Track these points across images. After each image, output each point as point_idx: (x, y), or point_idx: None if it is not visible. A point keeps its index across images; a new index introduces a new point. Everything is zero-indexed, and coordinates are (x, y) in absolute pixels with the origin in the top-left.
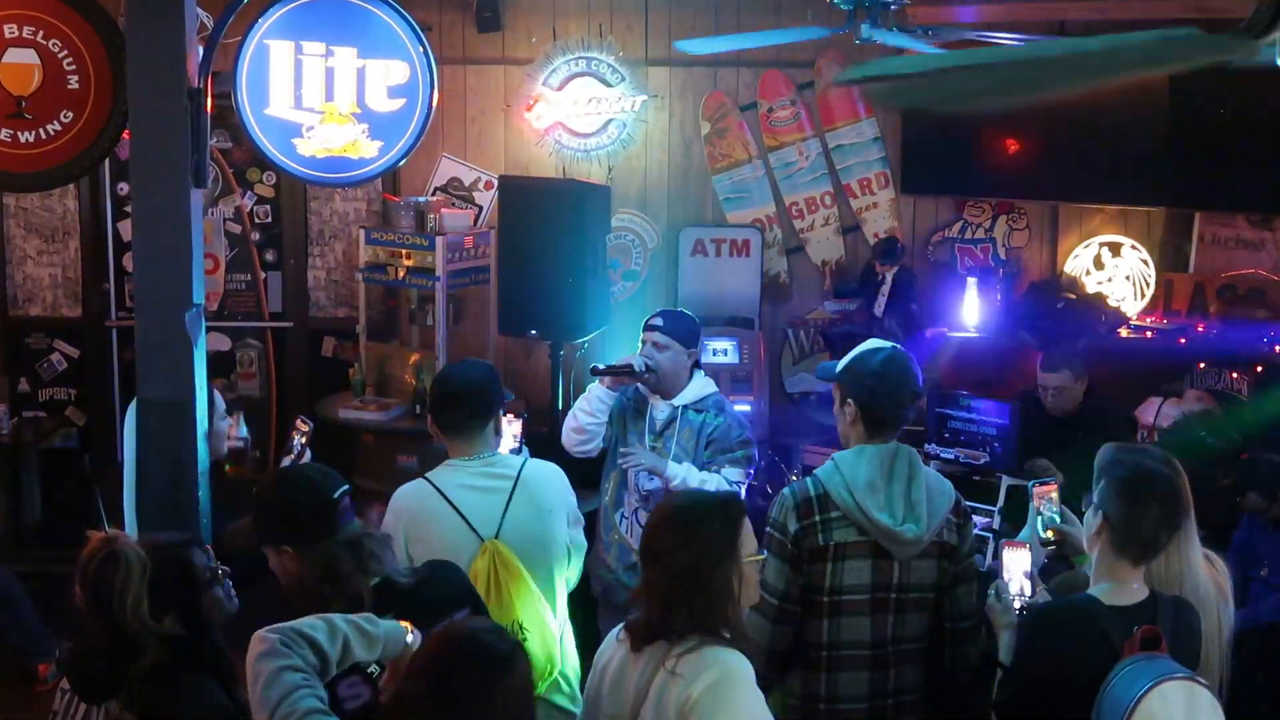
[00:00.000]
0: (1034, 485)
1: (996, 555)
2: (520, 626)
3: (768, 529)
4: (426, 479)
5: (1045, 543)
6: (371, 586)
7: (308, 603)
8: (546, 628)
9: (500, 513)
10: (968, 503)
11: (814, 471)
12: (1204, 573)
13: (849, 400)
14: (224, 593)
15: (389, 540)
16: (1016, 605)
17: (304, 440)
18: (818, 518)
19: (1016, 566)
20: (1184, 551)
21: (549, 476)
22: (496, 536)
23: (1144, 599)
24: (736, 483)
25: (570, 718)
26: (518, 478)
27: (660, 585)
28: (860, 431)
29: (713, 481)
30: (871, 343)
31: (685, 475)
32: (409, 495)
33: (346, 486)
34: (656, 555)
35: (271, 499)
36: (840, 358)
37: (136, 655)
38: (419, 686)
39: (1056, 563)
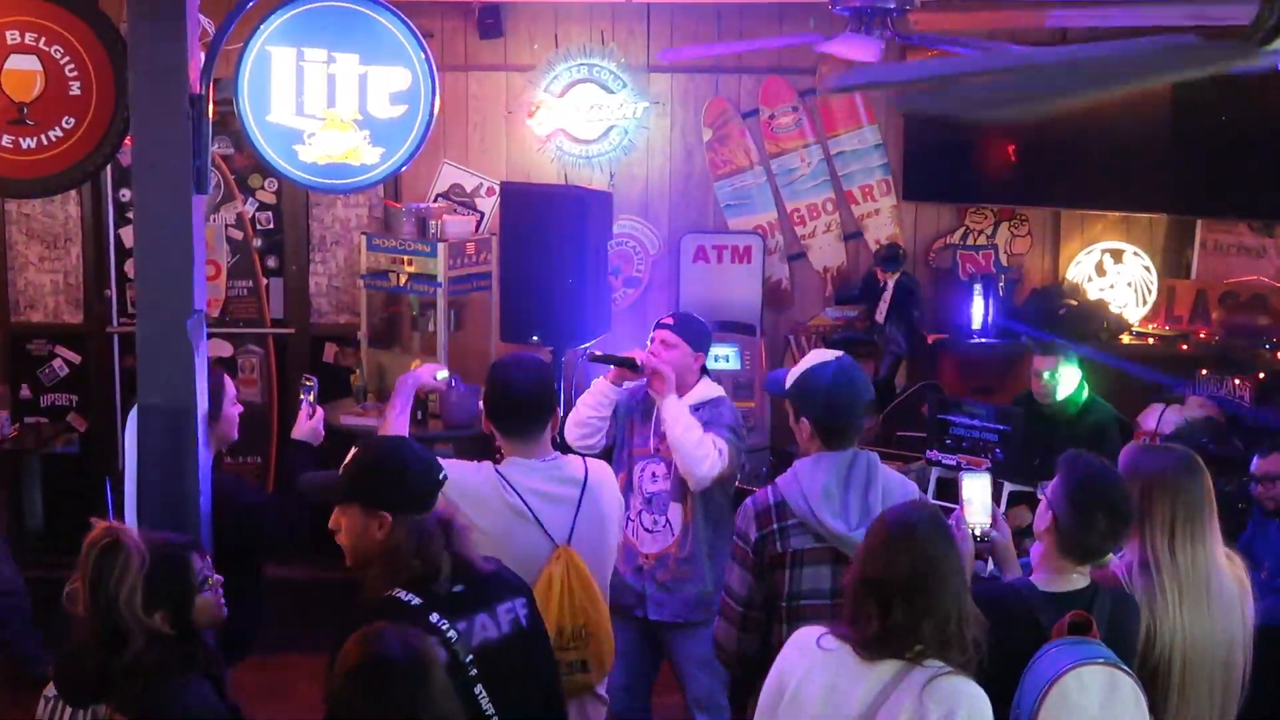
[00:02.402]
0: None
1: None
2: (585, 631)
3: (733, 537)
4: (499, 473)
5: None
6: (451, 558)
7: (386, 569)
8: (607, 630)
9: (571, 519)
10: None
11: (775, 480)
12: (1226, 569)
13: (803, 417)
14: (214, 599)
15: (471, 527)
16: (977, 533)
17: (312, 398)
18: (775, 525)
19: (976, 495)
20: (1209, 548)
21: (608, 482)
22: (568, 543)
23: (1083, 587)
24: (720, 449)
25: (605, 703)
26: (584, 484)
27: (903, 603)
28: (819, 444)
29: (699, 430)
30: (819, 355)
31: (678, 410)
32: (483, 484)
33: (446, 474)
34: (906, 580)
35: (384, 465)
36: None
37: (123, 650)
38: (345, 690)
39: None
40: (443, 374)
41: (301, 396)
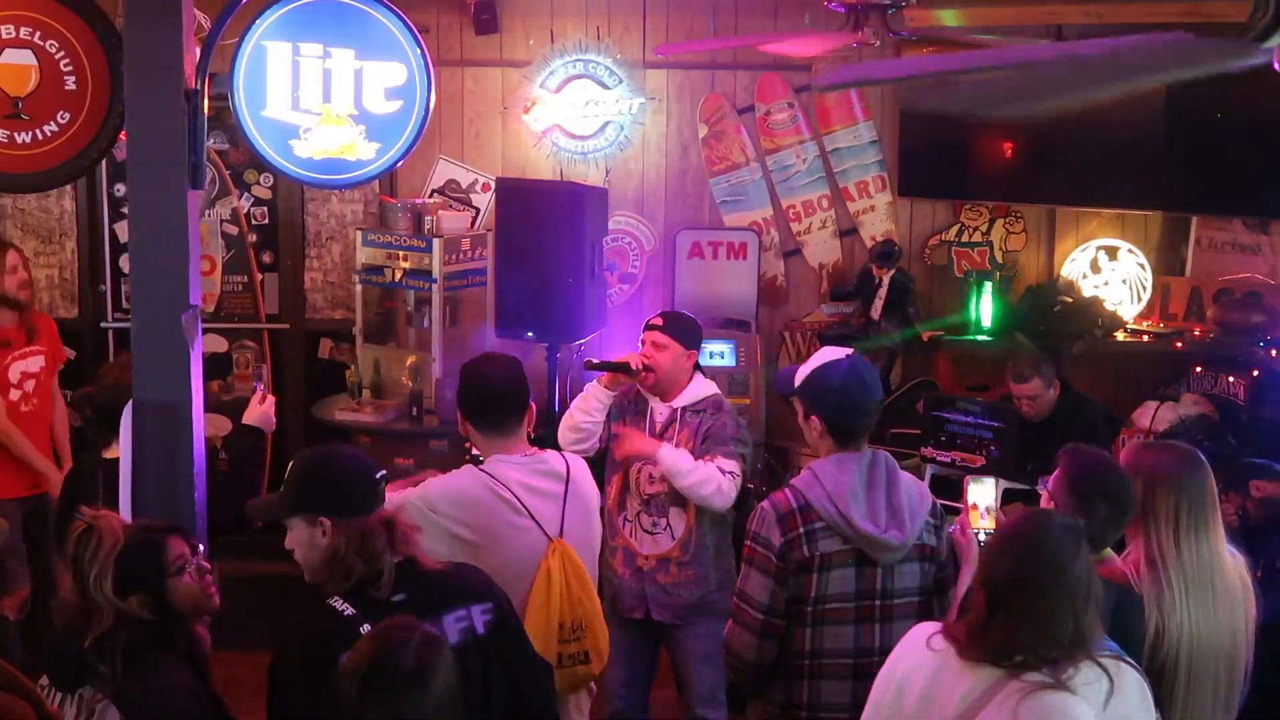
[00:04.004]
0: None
1: None
2: (583, 623)
3: (748, 542)
4: (486, 472)
5: None
6: (394, 564)
7: (332, 574)
8: (602, 620)
9: (560, 513)
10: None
11: (791, 483)
12: (1229, 563)
13: (813, 415)
14: (195, 584)
15: (417, 527)
16: (982, 537)
17: (262, 386)
18: (802, 529)
19: (981, 499)
20: (1213, 543)
21: (587, 474)
22: (560, 536)
23: None
24: (730, 472)
25: (593, 694)
26: (568, 477)
27: (1005, 605)
28: (830, 443)
29: (704, 468)
30: (828, 353)
31: (676, 458)
32: (472, 485)
33: (384, 472)
34: (1013, 581)
35: (319, 472)
36: None
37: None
38: (346, 693)
39: None
40: None
41: (254, 384)
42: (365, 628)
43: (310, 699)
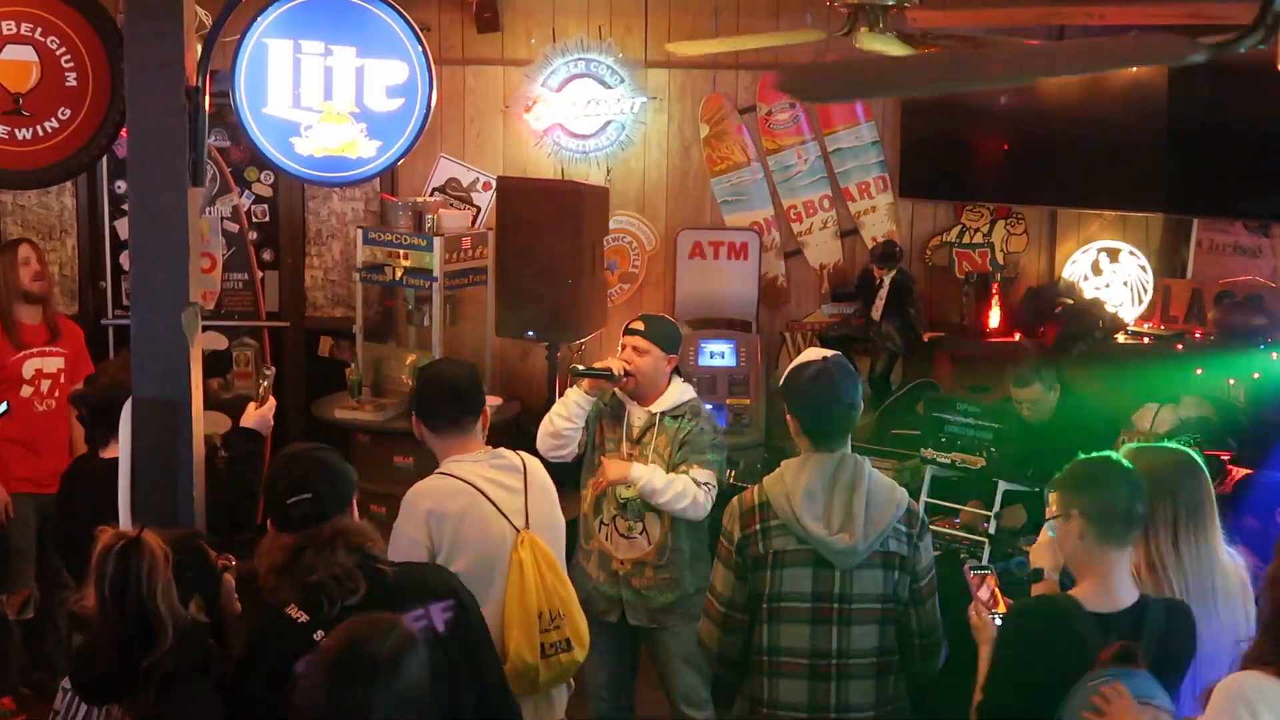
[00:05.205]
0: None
1: (994, 559)
2: (560, 611)
3: (720, 535)
4: (449, 474)
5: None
6: (339, 574)
7: (268, 583)
8: (578, 607)
9: (524, 505)
10: (971, 509)
11: (763, 480)
12: (1229, 566)
13: (789, 414)
14: (231, 585)
15: (371, 535)
16: (997, 622)
17: (268, 386)
18: (758, 526)
19: (983, 593)
20: (1211, 543)
21: (542, 467)
22: (526, 527)
23: (1130, 604)
24: (704, 483)
25: (570, 688)
26: (525, 470)
27: None
28: (806, 442)
29: (679, 483)
30: (807, 354)
31: (650, 478)
32: (444, 493)
33: (308, 495)
34: None
35: (271, 471)
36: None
37: (153, 649)
38: (314, 681)
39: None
40: None
41: (260, 382)
42: (319, 634)
43: (267, 706)
